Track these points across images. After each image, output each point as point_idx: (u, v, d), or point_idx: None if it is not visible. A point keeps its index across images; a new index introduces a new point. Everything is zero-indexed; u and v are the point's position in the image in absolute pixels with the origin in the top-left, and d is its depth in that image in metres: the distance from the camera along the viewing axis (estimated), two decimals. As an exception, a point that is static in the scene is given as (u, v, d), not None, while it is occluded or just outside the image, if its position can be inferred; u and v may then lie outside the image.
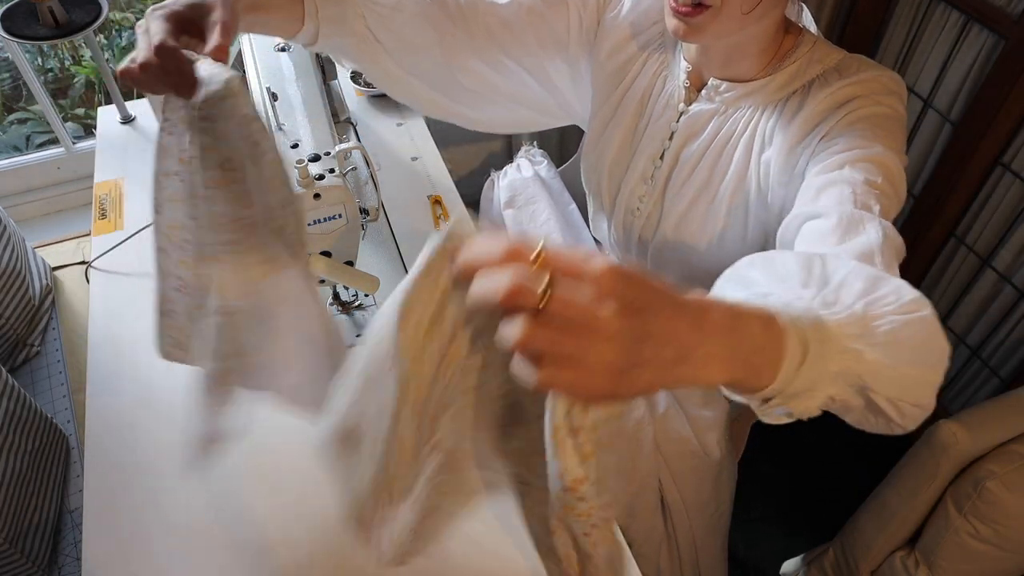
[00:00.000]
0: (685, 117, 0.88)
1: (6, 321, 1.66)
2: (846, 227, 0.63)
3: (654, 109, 0.91)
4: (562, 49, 0.92)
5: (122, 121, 1.33)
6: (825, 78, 0.78)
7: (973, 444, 0.99)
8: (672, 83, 0.89)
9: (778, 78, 0.81)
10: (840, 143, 0.72)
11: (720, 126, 0.85)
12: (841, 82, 0.76)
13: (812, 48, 0.80)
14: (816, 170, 0.73)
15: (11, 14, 1.18)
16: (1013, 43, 1.24)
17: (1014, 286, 1.39)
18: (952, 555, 1.05)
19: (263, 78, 0.97)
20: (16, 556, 1.29)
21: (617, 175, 0.97)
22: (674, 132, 0.89)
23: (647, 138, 0.92)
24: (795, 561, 1.41)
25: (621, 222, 1.00)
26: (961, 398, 1.59)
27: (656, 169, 0.92)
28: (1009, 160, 1.33)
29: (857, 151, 0.71)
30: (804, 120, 0.77)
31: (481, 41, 0.88)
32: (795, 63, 0.80)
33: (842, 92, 0.76)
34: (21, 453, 1.34)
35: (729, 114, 0.85)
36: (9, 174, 2.02)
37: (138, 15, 2.39)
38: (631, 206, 0.97)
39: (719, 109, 0.85)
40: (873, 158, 0.70)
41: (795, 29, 0.82)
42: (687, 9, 0.73)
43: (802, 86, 0.80)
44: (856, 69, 0.77)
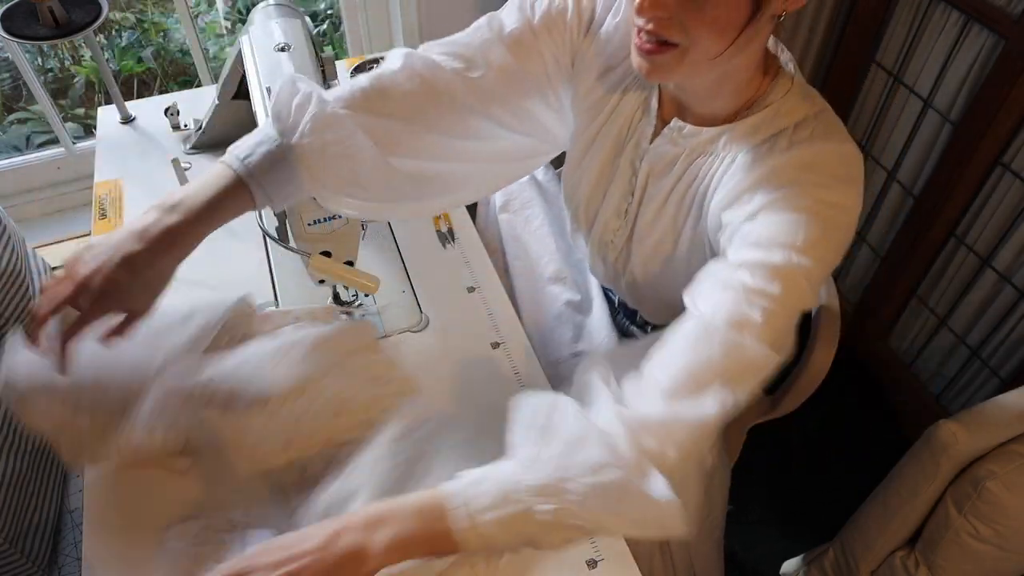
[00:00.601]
0: (647, 155, 0.85)
1: (6, 321, 1.66)
2: (696, 338, 0.68)
3: (628, 143, 0.88)
4: (543, 89, 0.87)
5: (122, 121, 1.33)
6: (775, 142, 0.73)
7: (973, 444, 0.99)
8: (647, 118, 0.85)
9: (742, 126, 0.76)
10: (757, 234, 0.69)
11: (683, 170, 0.82)
12: (791, 153, 0.71)
13: (783, 98, 0.75)
14: (727, 259, 0.71)
15: (11, 14, 1.18)
16: (1013, 43, 1.24)
17: (1014, 286, 1.39)
18: (952, 555, 1.05)
19: (263, 78, 0.96)
20: (16, 556, 1.29)
21: (593, 206, 0.96)
22: (638, 170, 0.87)
23: (620, 172, 0.90)
24: (795, 561, 1.41)
25: (597, 250, 1.00)
26: (961, 398, 1.59)
27: (628, 205, 0.91)
28: (1009, 160, 1.33)
29: (764, 254, 0.68)
30: (744, 183, 0.73)
31: (465, 119, 0.82)
32: (763, 110, 0.75)
33: (787, 172, 0.71)
34: (21, 453, 1.34)
35: (692, 158, 0.81)
36: (9, 174, 2.02)
37: (138, 15, 2.39)
38: (605, 238, 0.96)
39: (681, 153, 0.82)
40: (780, 268, 0.67)
41: (772, 69, 0.77)
42: (651, 47, 0.69)
43: (762, 140, 0.75)
44: (810, 136, 0.72)
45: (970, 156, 1.37)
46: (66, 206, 2.10)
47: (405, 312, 1.03)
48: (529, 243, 1.17)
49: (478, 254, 1.11)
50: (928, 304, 1.61)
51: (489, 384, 0.94)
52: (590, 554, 0.78)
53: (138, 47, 2.39)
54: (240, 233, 1.13)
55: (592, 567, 0.77)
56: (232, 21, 2.47)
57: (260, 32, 1.04)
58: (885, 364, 1.75)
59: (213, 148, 1.27)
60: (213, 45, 2.43)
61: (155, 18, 2.41)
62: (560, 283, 1.14)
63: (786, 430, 1.36)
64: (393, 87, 0.79)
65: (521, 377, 0.95)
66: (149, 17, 2.41)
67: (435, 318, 1.02)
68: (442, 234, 1.14)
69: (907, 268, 1.60)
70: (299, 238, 0.86)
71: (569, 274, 1.15)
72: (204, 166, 1.24)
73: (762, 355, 0.67)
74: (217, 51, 2.42)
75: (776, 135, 0.74)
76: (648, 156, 0.85)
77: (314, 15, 2.44)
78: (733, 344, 0.66)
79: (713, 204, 0.78)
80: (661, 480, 0.64)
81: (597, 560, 0.78)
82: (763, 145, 0.75)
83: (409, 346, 0.98)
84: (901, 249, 1.60)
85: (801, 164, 0.71)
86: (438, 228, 1.15)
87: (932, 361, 1.65)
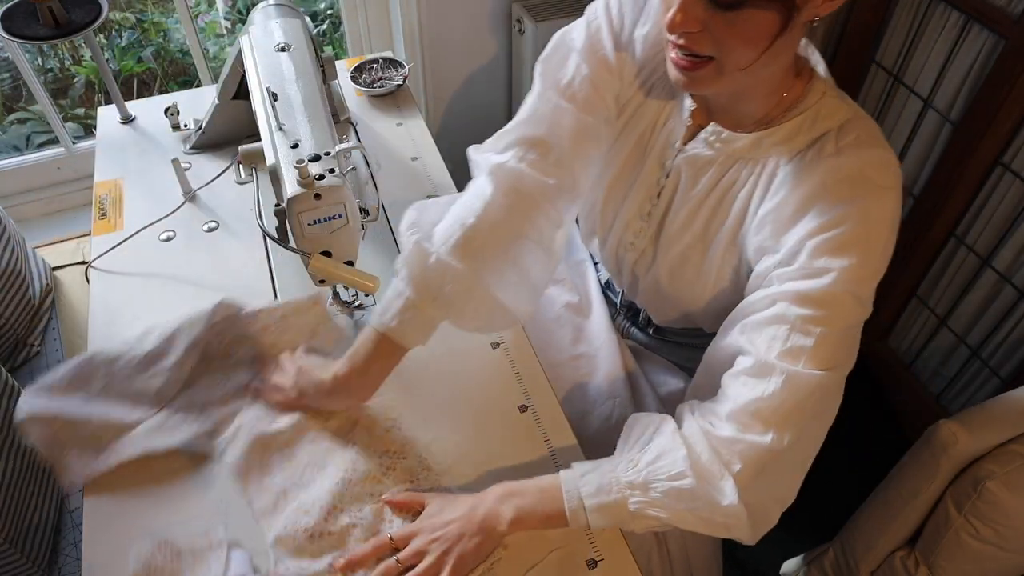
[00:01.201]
0: (682, 157, 0.85)
1: (6, 321, 1.66)
2: (755, 373, 0.73)
3: (656, 143, 0.88)
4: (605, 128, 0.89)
5: (122, 121, 1.33)
6: (822, 146, 0.74)
7: (973, 444, 0.99)
8: (675, 119, 0.86)
9: (781, 131, 0.77)
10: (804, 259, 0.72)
11: (720, 175, 0.82)
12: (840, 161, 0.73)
13: (820, 100, 0.76)
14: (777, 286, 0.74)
15: (11, 14, 1.18)
16: (1013, 43, 1.24)
17: (1014, 286, 1.39)
18: (952, 555, 1.05)
19: (263, 78, 0.97)
20: (16, 556, 1.29)
21: (613, 204, 0.96)
22: (670, 171, 0.87)
23: (645, 172, 0.90)
24: (795, 561, 1.41)
25: (614, 252, 0.99)
26: (961, 398, 1.59)
27: (653, 207, 0.90)
28: (1009, 160, 1.33)
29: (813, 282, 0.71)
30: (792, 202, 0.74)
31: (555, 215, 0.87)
32: (801, 115, 0.76)
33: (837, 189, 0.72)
34: (21, 453, 1.34)
35: (728, 164, 0.81)
36: (9, 174, 2.02)
37: (138, 15, 2.39)
38: (625, 239, 0.96)
39: (719, 159, 0.82)
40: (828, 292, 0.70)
41: (805, 72, 0.78)
42: (687, 63, 0.71)
43: (805, 145, 0.76)
44: (852, 143, 0.73)
45: (970, 156, 1.37)
46: (66, 206, 2.10)
47: (405, 312, 1.03)
48: None
49: (478, 254, 1.11)
50: (928, 304, 1.61)
51: (489, 384, 0.94)
52: (590, 554, 0.78)
53: (138, 47, 2.39)
54: (240, 233, 1.13)
55: (592, 567, 0.77)
56: (232, 21, 2.47)
57: (260, 32, 1.05)
58: (885, 364, 1.75)
59: (213, 148, 1.27)
60: (213, 45, 2.43)
61: (155, 18, 2.41)
62: (558, 285, 1.14)
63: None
64: (488, 223, 0.83)
65: (521, 377, 0.95)
66: (149, 17, 2.41)
67: (435, 318, 1.02)
68: (442, 234, 1.14)
69: (907, 268, 1.60)
70: (299, 238, 0.86)
71: (567, 276, 1.15)
72: (204, 166, 1.24)
73: (818, 380, 0.71)
74: (217, 51, 2.42)
75: (819, 139, 0.75)
76: (682, 158, 0.85)
77: (314, 15, 2.44)
78: (789, 376, 0.71)
79: (759, 216, 0.79)
80: (731, 489, 0.71)
81: (597, 560, 0.78)
82: (808, 151, 0.75)
83: (409, 346, 0.98)
84: (901, 249, 1.60)
85: (850, 177, 0.72)
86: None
87: (932, 361, 1.65)
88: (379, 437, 0.87)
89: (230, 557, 0.77)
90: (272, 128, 0.89)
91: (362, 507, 0.80)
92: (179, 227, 1.14)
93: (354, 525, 0.79)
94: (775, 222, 0.76)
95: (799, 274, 0.72)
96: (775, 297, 0.74)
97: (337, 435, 0.87)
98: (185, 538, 0.78)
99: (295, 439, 0.86)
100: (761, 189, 0.79)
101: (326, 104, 0.95)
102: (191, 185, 1.18)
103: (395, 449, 0.86)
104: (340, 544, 0.78)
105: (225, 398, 0.89)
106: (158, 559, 0.76)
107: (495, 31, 2.00)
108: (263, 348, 0.93)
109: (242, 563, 0.77)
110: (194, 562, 0.76)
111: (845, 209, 0.71)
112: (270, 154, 0.88)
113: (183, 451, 0.86)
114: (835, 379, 0.73)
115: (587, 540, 0.79)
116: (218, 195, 1.18)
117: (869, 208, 0.71)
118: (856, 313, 0.72)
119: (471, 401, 0.92)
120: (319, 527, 0.78)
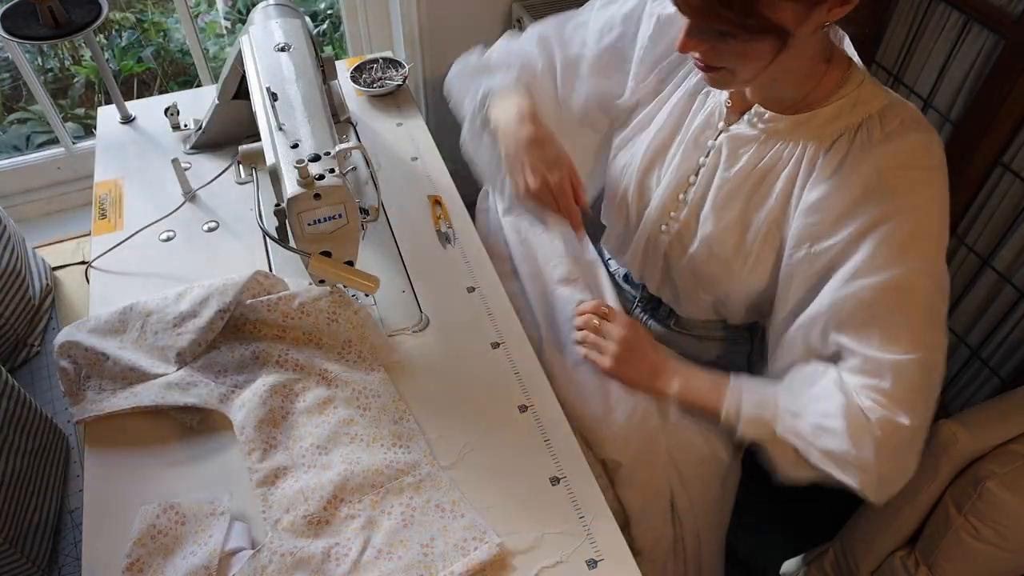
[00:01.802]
0: (725, 136, 0.87)
1: (6, 321, 1.66)
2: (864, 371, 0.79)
3: (693, 122, 0.90)
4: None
5: (122, 121, 1.33)
6: (869, 131, 0.77)
7: (973, 444, 0.99)
8: (714, 100, 0.88)
9: (823, 113, 0.79)
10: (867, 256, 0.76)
11: (762, 155, 0.84)
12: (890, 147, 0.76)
13: (859, 87, 0.78)
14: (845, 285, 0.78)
15: (11, 14, 1.18)
16: (1013, 43, 1.24)
17: (1014, 286, 1.39)
18: (952, 555, 1.05)
19: (263, 78, 0.97)
20: (16, 556, 1.29)
21: (648, 186, 0.97)
22: (711, 150, 0.89)
23: (684, 152, 0.91)
24: (795, 561, 1.41)
25: (647, 236, 1.00)
26: (961, 398, 1.59)
27: (691, 187, 0.91)
28: (1009, 160, 1.33)
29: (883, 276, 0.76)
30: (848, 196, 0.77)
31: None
32: (841, 100, 0.78)
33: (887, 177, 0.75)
34: (21, 453, 1.34)
35: (771, 144, 0.83)
36: (9, 174, 2.02)
37: (138, 15, 2.39)
38: (661, 221, 0.96)
39: (760, 137, 0.84)
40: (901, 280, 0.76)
41: (842, 61, 0.80)
42: (704, 67, 0.77)
43: (847, 129, 0.78)
44: (899, 128, 0.76)
45: (970, 156, 1.37)
46: (66, 206, 2.10)
47: (405, 312, 1.03)
48: (536, 246, 1.17)
49: (478, 254, 1.11)
50: (928, 304, 1.61)
51: (489, 384, 0.94)
52: (590, 554, 0.78)
53: (138, 47, 2.39)
54: (240, 233, 1.13)
55: (592, 567, 0.77)
56: (232, 21, 2.47)
57: (260, 32, 1.05)
58: (885, 364, 1.75)
59: (213, 148, 1.27)
60: (213, 45, 2.43)
61: (155, 18, 2.41)
62: (571, 285, 1.13)
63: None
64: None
65: (521, 377, 0.95)
66: (149, 17, 2.41)
67: (435, 318, 1.02)
68: (442, 234, 1.14)
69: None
70: (299, 238, 0.86)
71: (580, 276, 1.15)
72: (204, 166, 1.24)
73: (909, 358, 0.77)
74: (217, 51, 2.42)
75: (863, 124, 0.78)
76: (724, 137, 0.87)
77: (314, 15, 2.44)
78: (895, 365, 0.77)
79: (807, 202, 0.81)
80: (869, 443, 0.77)
81: (597, 560, 0.78)
82: (855, 137, 0.78)
83: (409, 346, 0.98)
84: (901, 249, 1.60)
85: (903, 164, 0.75)
86: (438, 228, 1.15)
87: (932, 361, 1.65)
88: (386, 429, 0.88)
89: (231, 527, 0.78)
90: (272, 128, 0.89)
91: (361, 498, 0.81)
92: (179, 227, 1.14)
93: (352, 516, 0.80)
94: (828, 211, 0.78)
95: (870, 267, 0.76)
96: (855, 294, 0.77)
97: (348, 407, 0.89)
98: (191, 505, 0.80)
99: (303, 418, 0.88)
100: (804, 173, 0.81)
101: (326, 104, 0.95)
102: (191, 185, 1.18)
103: (400, 443, 0.86)
104: (337, 533, 0.79)
105: (241, 365, 0.92)
106: (163, 522, 0.78)
107: (495, 31, 2.00)
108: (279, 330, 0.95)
109: (242, 535, 0.78)
110: (197, 528, 0.78)
111: (904, 198, 0.75)
112: (270, 154, 0.88)
113: (188, 432, 0.87)
114: (936, 358, 0.79)
115: (587, 540, 0.80)
116: (218, 195, 1.18)
117: (924, 192, 0.75)
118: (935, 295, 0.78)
119: (471, 401, 0.92)
120: (318, 515, 0.79)
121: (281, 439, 0.86)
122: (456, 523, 0.79)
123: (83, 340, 0.92)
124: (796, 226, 0.82)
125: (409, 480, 0.83)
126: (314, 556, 0.76)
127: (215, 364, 0.92)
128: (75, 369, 0.91)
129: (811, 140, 0.80)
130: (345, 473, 0.82)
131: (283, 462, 0.84)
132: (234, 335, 0.95)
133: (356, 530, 0.79)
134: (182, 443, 0.87)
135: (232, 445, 0.87)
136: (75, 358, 0.91)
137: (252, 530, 0.80)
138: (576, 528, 0.80)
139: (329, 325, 0.94)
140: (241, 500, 0.82)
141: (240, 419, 0.86)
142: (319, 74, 1.01)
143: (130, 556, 0.75)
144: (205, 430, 0.88)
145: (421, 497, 0.82)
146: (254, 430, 0.85)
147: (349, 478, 0.82)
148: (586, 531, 0.80)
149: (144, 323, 0.95)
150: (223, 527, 0.78)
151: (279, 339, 0.95)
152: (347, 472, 0.82)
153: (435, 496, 0.82)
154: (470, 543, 0.78)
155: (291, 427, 0.87)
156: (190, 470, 0.85)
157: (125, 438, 0.87)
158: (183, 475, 0.84)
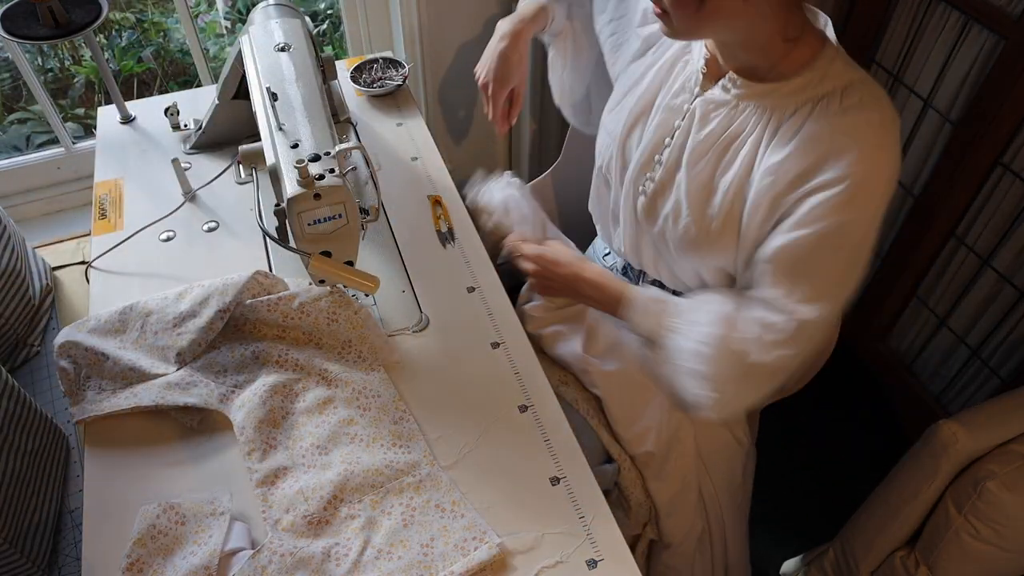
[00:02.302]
0: (699, 100, 0.89)
1: (6, 321, 1.66)
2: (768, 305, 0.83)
3: (672, 87, 0.93)
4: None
5: (122, 121, 1.33)
6: (828, 103, 0.80)
7: (973, 444, 0.99)
8: (692, 66, 0.91)
9: (791, 84, 0.81)
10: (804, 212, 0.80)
11: (732, 120, 0.86)
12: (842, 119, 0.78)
13: (830, 63, 0.81)
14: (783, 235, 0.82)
15: (11, 14, 1.18)
16: (1013, 43, 1.24)
17: (1014, 286, 1.39)
18: (952, 555, 1.05)
19: (263, 78, 0.97)
20: (16, 556, 1.29)
21: (629, 147, 0.99)
22: (686, 114, 0.91)
23: (661, 114, 0.93)
24: (795, 561, 1.41)
25: (629, 201, 1.00)
26: (961, 398, 1.59)
27: (666, 148, 0.93)
28: (1009, 160, 1.33)
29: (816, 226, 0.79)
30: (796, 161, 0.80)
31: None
32: (812, 72, 0.81)
33: (833, 144, 0.78)
34: (21, 453, 1.34)
35: (740, 109, 0.85)
36: (9, 174, 2.02)
37: (138, 15, 2.39)
38: (638, 182, 0.98)
39: (732, 103, 0.86)
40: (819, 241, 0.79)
41: (817, 39, 0.82)
42: (659, 11, 0.81)
43: (811, 100, 0.80)
44: (856, 104, 0.78)
45: (970, 156, 1.37)
46: (66, 206, 2.10)
47: (405, 312, 1.03)
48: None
49: (478, 254, 1.11)
50: (928, 304, 1.61)
51: (489, 384, 0.94)
52: (590, 554, 0.78)
53: (138, 47, 2.39)
54: (240, 233, 1.13)
55: (592, 567, 0.77)
56: (232, 21, 2.47)
57: (260, 32, 1.05)
58: (885, 364, 1.75)
59: (213, 148, 1.27)
60: (213, 45, 2.43)
61: (155, 18, 2.41)
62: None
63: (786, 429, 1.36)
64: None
65: (521, 377, 0.95)
66: (149, 17, 2.40)
67: (435, 318, 1.02)
68: (442, 234, 1.14)
69: (907, 268, 1.60)
70: (299, 238, 0.86)
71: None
72: (204, 166, 1.24)
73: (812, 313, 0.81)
74: (217, 51, 2.42)
75: (824, 97, 0.80)
76: (699, 101, 0.89)
77: (314, 15, 2.44)
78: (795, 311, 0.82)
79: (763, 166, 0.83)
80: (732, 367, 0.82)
81: (597, 560, 0.78)
82: (814, 107, 0.80)
83: (409, 346, 0.98)
84: (901, 249, 1.60)
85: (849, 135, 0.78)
86: (438, 228, 1.15)
87: (932, 361, 1.65)
88: (386, 429, 0.88)
89: (231, 528, 0.78)
90: (272, 128, 0.89)
91: (361, 498, 0.81)
92: (179, 227, 1.14)
93: (352, 516, 0.80)
94: (784, 173, 0.81)
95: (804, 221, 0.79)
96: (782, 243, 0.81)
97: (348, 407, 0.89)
98: (191, 505, 0.80)
99: (303, 418, 0.88)
100: (767, 139, 0.84)
101: (326, 104, 0.95)
102: (191, 185, 1.18)
103: (400, 444, 0.86)
104: (337, 533, 0.79)
105: (241, 365, 0.92)
106: (163, 522, 0.78)
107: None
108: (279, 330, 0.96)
109: (242, 535, 0.78)
110: (197, 528, 0.78)
111: (843, 169, 0.77)
112: (270, 154, 0.88)
113: (188, 432, 0.87)
114: (827, 311, 0.81)
115: (587, 540, 0.80)
116: (218, 195, 1.18)
117: (864, 166, 0.76)
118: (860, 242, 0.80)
119: (471, 401, 0.92)
120: (318, 515, 0.79)
121: (281, 439, 0.86)
122: (456, 523, 0.79)
123: (83, 340, 0.92)
124: (756, 188, 0.84)
125: (409, 480, 0.83)
126: (314, 556, 0.76)
127: (215, 364, 0.92)
128: (75, 369, 0.91)
129: (776, 108, 0.83)
130: (345, 473, 0.82)
131: (283, 462, 0.84)
132: (234, 335, 0.95)
133: (356, 530, 0.79)
134: (182, 443, 0.87)
135: (232, 445, 0.87)
136: (75, 358, 0.91)
137: (252, 530, 0.80)
138: (576, 528, 0.80)
139: (329, 325, 0.94)
140: (241, 500, 0.82)
141: (240, 419, 0.86)
142: (319, 74, 1.01)
143: (130, 556, 0.75)
144: (205, 430, 0.88)
145: (421, 497, 0.82)
146: (254, 430, 0.85)
147: (349, 478, 0.82)
148: (586, 531, 0.80)
149: (144, 323, 0.95)
150: (223, 527, 0.78)
151: (279, 339, 0.95)
152: (347, 472, 0.82)
153: (435, 496, 0.82)
154: (470, 543, 0.78)
155: (291, 427, 0.87)
156: (190, 470, 0.85)
157: (125, 438, 0.88)
158: (183, 475, 0.84)
